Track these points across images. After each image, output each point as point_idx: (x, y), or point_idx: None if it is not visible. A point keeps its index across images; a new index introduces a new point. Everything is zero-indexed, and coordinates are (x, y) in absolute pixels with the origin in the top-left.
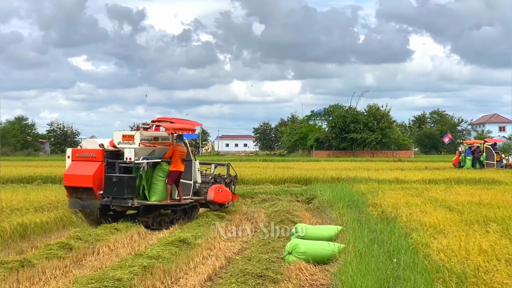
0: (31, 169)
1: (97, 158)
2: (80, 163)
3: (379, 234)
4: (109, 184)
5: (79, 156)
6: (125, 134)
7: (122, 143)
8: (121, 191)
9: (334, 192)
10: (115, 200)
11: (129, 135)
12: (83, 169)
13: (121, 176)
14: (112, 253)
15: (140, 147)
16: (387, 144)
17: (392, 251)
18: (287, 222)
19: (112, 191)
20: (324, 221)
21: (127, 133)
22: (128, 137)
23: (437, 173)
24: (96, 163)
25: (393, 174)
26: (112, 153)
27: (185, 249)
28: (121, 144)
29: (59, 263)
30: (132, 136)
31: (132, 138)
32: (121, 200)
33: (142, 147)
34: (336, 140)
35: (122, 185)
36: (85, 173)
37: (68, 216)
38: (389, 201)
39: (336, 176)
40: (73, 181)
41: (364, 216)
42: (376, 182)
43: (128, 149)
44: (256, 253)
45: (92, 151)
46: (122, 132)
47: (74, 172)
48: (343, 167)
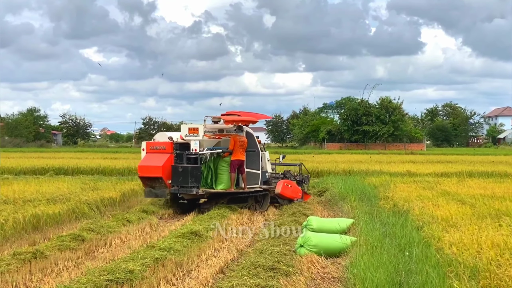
0: (43, 161)
1: (166, 150)
2: (152, 155)
3: (391, 227)
4: (176, 173)
5: (152, 148)
6: (190, 127)
7: (189, 135)
8: (186, 180)
9: (346, 185)
10: (182, 188)
11: (194, 128)
12: (154, 160)
13: (185, 166)
14: (124, 245)
15: (204, 138)
16: (399, 137)
17: (404, 244)
18: (298, 214)
19: (178, 180)
20: (336, 214)
21: (193, 126)
22: (193, 130)
23: (449, 166)
24: (165, 154)
25: (405, 167)
26: (182, 145)
27: (196, 242)
28: (187, 137)
29: (72, 255)
30: (196, 129)
31: (197, 131)
32: (187, 189)
33: (206, 138)
34: (348, 132)
35: (187, 174)
36: (156, 164)
37: (80, 207)
38: (401, 194)
39: (348, 169)
40: (146, 171)
41: (376, 209)
42: (388, 175)
43: (193, 141)
44: (267, 246)
45: (163, 143)
46: (188, 125)
47: (147, 163)
48: (355, 159)
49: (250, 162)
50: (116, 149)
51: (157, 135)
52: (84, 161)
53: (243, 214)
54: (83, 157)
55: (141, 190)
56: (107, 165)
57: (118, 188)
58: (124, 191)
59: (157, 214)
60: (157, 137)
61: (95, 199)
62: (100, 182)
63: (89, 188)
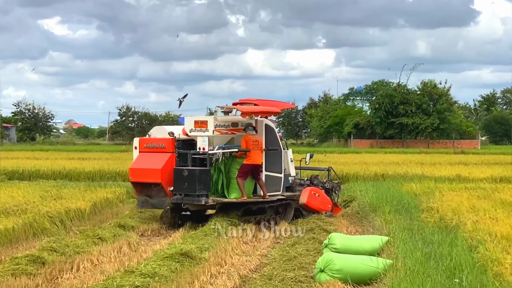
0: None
1: (166, 149)
2: (148, 154)
3: (436, 247)
4: (180, 178)
5: (147, 146)
6: (197, 120)
7: (194, 130)
8: (193, 187)
9: (378, 193)
10: (187, 197)
11: (202, 121)
12: (151, 161)
13: (192, 169)
14: (95, 269)
15: (214, 134)
16: (446, 132)
17: (454, 268)
18: (318, 231)
19: (182, 187)
20: (365, 230)
21: (200, 119)
22: (201, 124)
23: (510, 169)
24: (165, 154)
25: (454, 170)
26: (185, 142)
27: (188, 265)
28: (193, 132)
29: (29, 282)
30: (205, 122)
31: (205, 125)
32: (193, 198)
33: (217, 134)
34: (380, 126)
35: (194, 179)
36: (153, 166)
37: (39, 221)
38: (449, 205)
39: (381, 172)
40: (140, 176)
41: (417, 224)
42: (432, 181)
43: (201, 138)
44: (278, 271)
45: (162, 140)
46: (194, 118)
47: (141, 165)
48: (389, 160)
49: (271, 163)
50: (84, 147)
51: (154, 130)
52: (44, 162)
53: (246, 231)
54: (43, 157)
55: (118, 200)
56: (74, 167)
57: (87, 197)
58: (96, 200)
59: (138, 230)
60: (154, 132)
61: (59, 210)
62: (65, 189)
63: (51, 196)
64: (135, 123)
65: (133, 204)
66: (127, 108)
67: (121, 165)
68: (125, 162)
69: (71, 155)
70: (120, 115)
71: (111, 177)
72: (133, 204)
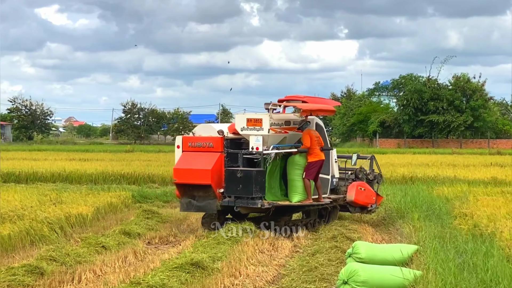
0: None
1: (215, 148)
2: (194, 154)
3: (470, 257)
4: (233, 180)
5: (191, 145)
6: (250, 118)
7: (247, 129)
8: (249, 189)
9: (407, 198)
10: (239, 200)
11: (256, 119)
12: (199, 162)
13: (248, 170)
14: (98, 280)
15: (269, 133)
16: (481, 130)
17: (490, 281)
18: (340, 238)
19: (236, 189)
20: (392, 238)
21: (253, 116)
22: (255, 122)
23: None
24: (214, 154)
25: (490, 173)
26: (232, 141)
27: (199, 276)
28: (245, 130)
29: None
30: (259, 120)
31: (260, 123)
32: (248, 200)
33: (272, 133)
34: (409, 124)
35: (250, 181)
36: (202, 167)
37: (38, 228)
38: (484, 211)
39: (409, 175)
40: (187, 177)
41: (449, 232)
42: (465, 184)
43: (254, 137)
44: (298, 282)
45: (209, 139)
46: (246, 115)
47: (188, 165)
48: (418, 161)
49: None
50: (86, 147)
51: (199, 128)
52: (42, 163)
53: (263, 238)
54: (42, 157)
55: (123, 204)
56: (75, 169)
57: (90, 202)
58: (99, 205)
59: (144, 238)
60: (199, 130)
61: (58, 216)
62: (65, 192)
63: (50, 201)
64: (141, 120)
65: (138, 209)
66: (132, 104)
67: (126, 167)
68: (130, 164)
69: (71, 155)
70: (124, 112)
71: (115, 179)
72: (139, 210)
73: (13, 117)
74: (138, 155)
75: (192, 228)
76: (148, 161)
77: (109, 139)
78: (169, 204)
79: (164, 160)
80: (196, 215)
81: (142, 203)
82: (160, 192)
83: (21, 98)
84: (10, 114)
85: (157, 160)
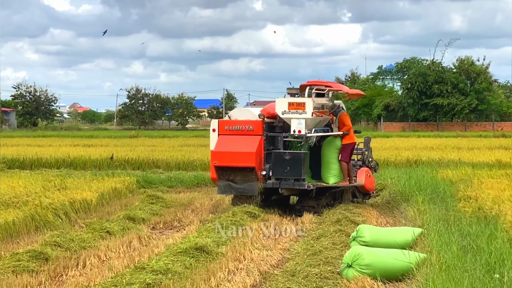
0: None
1: (255, 132)
2: (233, 137)
3: (474, 240)
4: (280, 162)
5: (229, 129)
6: (292, 102)
7: (288, 112)
8: (298, 171)
9: (411, 181)
10: (284, 182)
11: (299, 103)
12: (241, 145)
13: (296, 153)
14: (103, 266)
15: (312, 117)
16: (485, 113)
17: (493, 263)
18: (344, 222)
19: (283, 171)
20: (397, 221)
21: (296, 100)
22: (297, 105)
23: None
24: (255, 137)
25: (494, 155)
26: (269, 125)
27: (203, 260)
28: (286, 114)
29: (31, 279)
30: (302, 104)
31: (303, 107)
32: (296, 182)
33: (314, 117)
34: (413, 107)
35: (299, 163)
36: (246, 149)
37: (42, 214)
38: (489, 194)
39: (414, 158)
40: (230, 159)
41: (453, 215)
42: (469, 167)
43: (296, 120)
44: (302, 266)
45: (249, 122)
46: (288, 99)
47: (230, 148)
48: (423, 145)
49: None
50: (91, 133)
51: (235, 112)
52: (47, 149)
53: (267, 222)
54: (46, 143)
55: (127, 190)
56: (79, 154)
57: (94, 187)
58: (103, 191)
59: (149, 223)
60: (235, 114)
61: (63, 202)
62: (70, 178)
63: (54, 187)
64: (145, 106)
65: (143, 194)
66: (136, 90)
67: (131, 152)
68: (134, 149)
69: (76, 141)
70: (129, 98)
71: (120, 165)
72: (143, 195)
73: (18, 104)
74: (143, 140)
75: (196, 213)
76: (152, 146)
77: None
78: (174, 189)
79: (168, 146)
80: (200, 201)
81: (147, 189)
82: (165, 177)
83: (25, 85)
84: (15, 100)
85: (162, 145)
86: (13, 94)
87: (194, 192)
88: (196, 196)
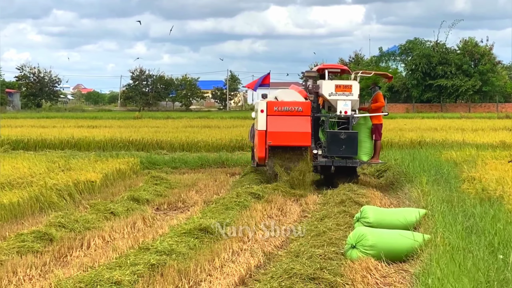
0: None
1: (304, 112)
2: (283, 118)
3: (478, 221)
4: (336, 141)
5: (278, 110)
6: (339, 84)
7: (335, 94)
8: (353, 150)
9: (415, 162)
10: (338, 160)
11: (345, 85)
12: (294, 125)
13: (352, 132)
14: (107, 246)
15: (357, 99)
16: (489, 94)
17: (498, 244)
18: (349, 203)
19: (339, 150)
20: (401, 203)
21: (343, 83)
22: (344, 88)
23: None
24: (306, 117)
25: (498, 136)
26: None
27: (207, 241)
28: (333, 96)
29: (36, 260)
30: (349, 86)
31: (350, 89)
32: (349, 160)
33: (358, 99)
34: (417, 89)
35: (353, 142)
36: (301, 129)
37: (46, 195)
38: (493, 174)
39: (418, 139)
40: (285, 139)
41: (457, 196)
42: (473, 148)
43: (342, 101)
44: (306, 247)
45: (298, 103)
46: (335, 82)
47: (284, 128)
48: (427, 126)
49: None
50: (95, 114)
51: (281, 93)
52: (51, 130)
53: (271, 203)
54: (50, 125)
55: (131, 171)
56: (83, 136)
57: (98, 168)
58: (107, 172)
59: (153, 204)
60: (282, 95)
61: (67, 183)
62: (74, 159)
63: (59, 168)
64: (149, 87)
65: (147, 175)
66: (140, 71)
67: (135, 133)
68: (138, 130)
69: (80, 122)
70: (132, 79)
71: (124, 146)
72: (147, 176)
73: (21, 85)
74: (147, 121)
75: (200, 194)
76: (156, 127)
77: (118, 106)
78: (178, 170)
79: (172, 127)
80: (204, 182)
81: (151, 169)
82: (169, 158)
83: (28, 66)
84: (18, 81)
85: (165, 126)
86: (17, 76)
87: (198, 173)
88: (200, 177)
